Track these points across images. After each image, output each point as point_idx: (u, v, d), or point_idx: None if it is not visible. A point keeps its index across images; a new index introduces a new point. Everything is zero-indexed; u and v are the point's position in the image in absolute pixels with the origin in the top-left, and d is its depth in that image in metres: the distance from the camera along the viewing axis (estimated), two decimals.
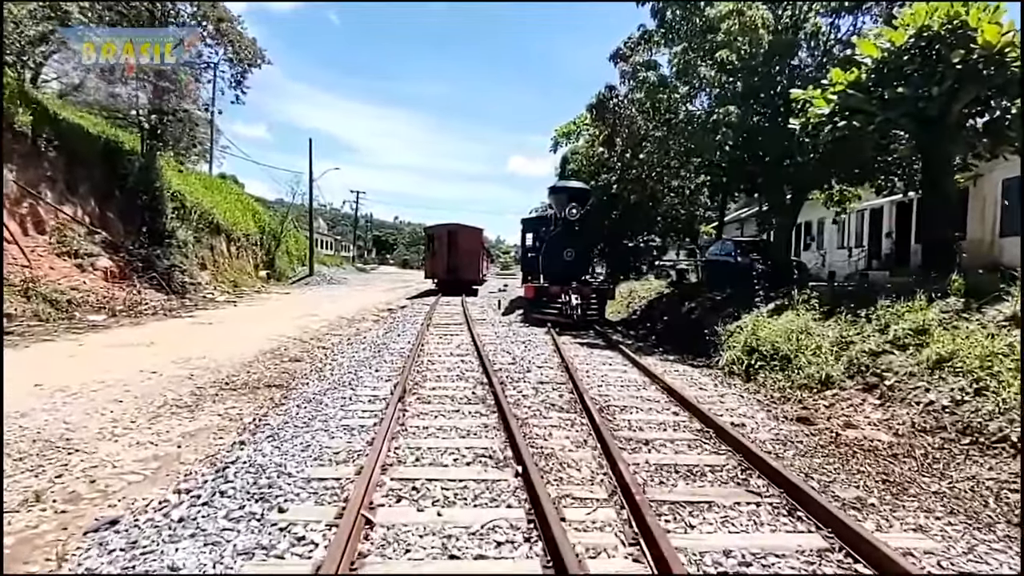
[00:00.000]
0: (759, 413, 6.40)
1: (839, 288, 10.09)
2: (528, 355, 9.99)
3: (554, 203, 16.35)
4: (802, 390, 7.17)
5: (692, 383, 8.05)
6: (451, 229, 29.01)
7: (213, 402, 7.21)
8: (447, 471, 4.31)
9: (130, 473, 4.87)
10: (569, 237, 15.41)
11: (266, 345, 11.20)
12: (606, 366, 9.15)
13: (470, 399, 6.62)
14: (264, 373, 8.94)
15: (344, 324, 15.32)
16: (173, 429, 6.07)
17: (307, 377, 8.48)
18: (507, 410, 5.75)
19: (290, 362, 9.99)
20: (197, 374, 8.36)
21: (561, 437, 5.23)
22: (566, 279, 14.91)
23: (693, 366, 9.79)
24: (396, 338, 12.04)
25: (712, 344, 10.52)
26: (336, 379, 8.00)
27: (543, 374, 8.28)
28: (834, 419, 6.06)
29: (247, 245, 31.20)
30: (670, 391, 7.09)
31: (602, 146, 15.96)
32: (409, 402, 6.40)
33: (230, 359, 9.56)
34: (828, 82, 9.99)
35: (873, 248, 24.95)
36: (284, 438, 5.15)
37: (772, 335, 8.63)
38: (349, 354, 10.33)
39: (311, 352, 10.97)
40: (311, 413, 6.01)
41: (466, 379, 7.80)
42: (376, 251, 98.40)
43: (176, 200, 22.50)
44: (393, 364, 8.91)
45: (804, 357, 7.66)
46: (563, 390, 7.23)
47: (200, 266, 23.86)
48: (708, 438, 5.27)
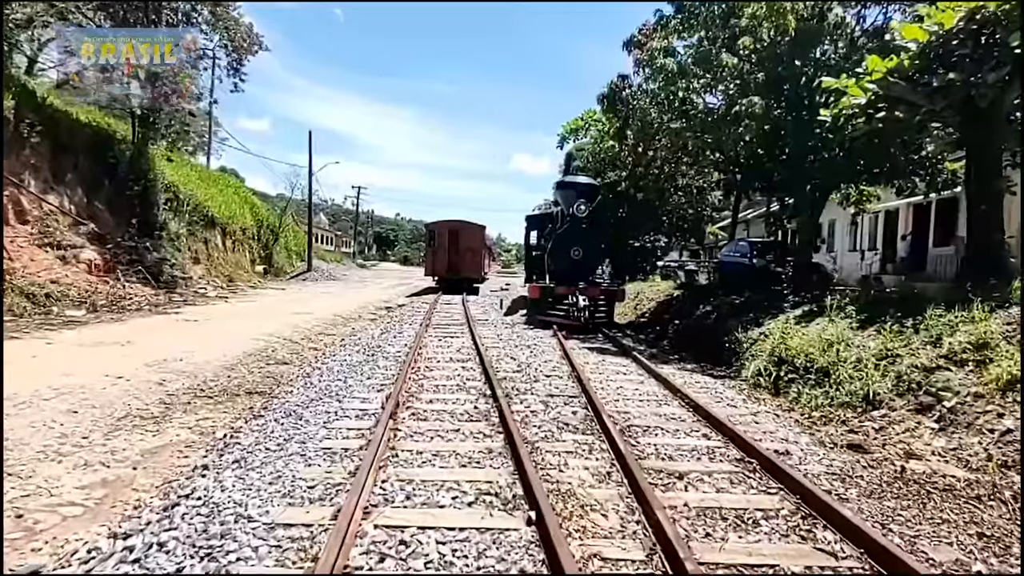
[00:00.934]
0: (802, 437, 5.60)
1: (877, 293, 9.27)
2: (535, 362, 9.21)
3: (561, 199, 15.55)
4: (844, 409, 6.38)
5: (718, 398, 7.26)
6: (453, 226, 28.15)
7: (184, 412, 6.44)
8: (443, 515, 3.52)
9: (68, 504, 4.10)
10: (577, 235, 14.61)
11: (253, 345, 10.42)
12: (620, 376, 8.36)
13: (472, 415, 5.84)
14: (246, 378, 8.16)
15: (339, 323, 14.55)
16: (132, 446, 5.30)
17: (293, 383, 7.71)
18: (514, 431, 4.97)
19: (276, 365, 9.21)
20: (170, 379, 7.58)
21: (579, 467, 4.44)
22: (573, 279, 14.12)
23: (714, 376, 9.00)
24: (392, 340, 11.26)
25: (733, 352, 9.73)
26: (323, 387, 7.22)
27: (552, 385, 7.50)
28: (890, 446, 5.27)
29: (244, 239, 30.41)
30: (696, 408, 6.30)
31: (612, 140, 15.14)
32: (402, 419, 5.61)
33: (211, 361, 8.78)
34: (863, 70, 9.19)
35: (887, 251, 24.17)
36: (253, 464, 4.37)
37: (804, 345, 7.83)
38: (340, 357, 9.55)
39: (300, 354, 10.20)
40: (289, 431, 5.23)
41: (467, 390, 7.01)
42: (377, 247, 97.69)
43: (169, 191, 21.73)
44: (387, 371, 8.13)
45: (844, 371, 6.86)
46: (576, 405, 6.44)
47: (193, 260, 23.10)
48: (751, 470, 4.48)
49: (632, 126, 14.10)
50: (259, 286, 26.96)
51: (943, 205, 20.15)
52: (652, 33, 12.41)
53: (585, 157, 30.16)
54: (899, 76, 8.48)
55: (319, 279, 35.10)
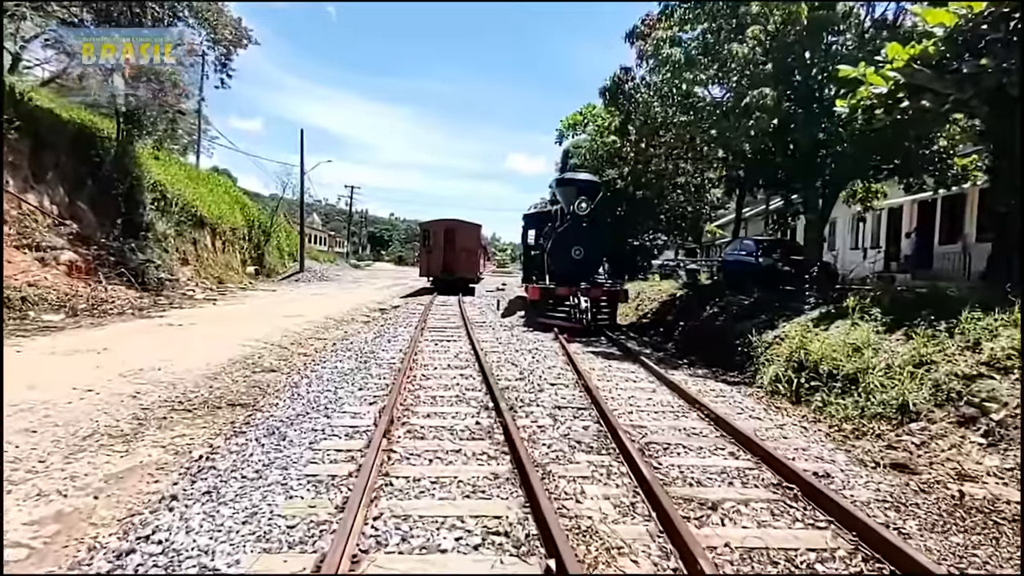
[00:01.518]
0: (837, 454, 5.09)
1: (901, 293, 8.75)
2: (537, 368, 8.68)
3: (561, 197, 15.01)
4: (878, 421, 5.87)
5: (737, 408, 6.75)
6: (448, 225, 27.54)
7: (159, 429, 5.88)
8: (446, 563, 2.98)
9: (13, 546, 3.56)
10: (578, 234, 14.08)
11: (239, 351, 9.85)
12: (630, 383, 7.84)
13: (473, 432, 5.30)
14: (230, 388, 7.60)
15: (331, 326, 13.98)
16: (95, 471, 4.75)
17: (279, 394, 7.16)
18: (522, 452, 4.44)
19: (263, 373, 8.65)
20: (146, 391, 7.00)
21: (598, 496, 3.91)
22: (574, 280, 13.59)
23: (728, 383, 8.50)
24: (386, 345, 10.71)
25: (747, 357, 9.24)
26: (312, 399, 6.67)
27: (559, 395, 6.97)
28: (938, 466, 4.76)
29: (234, 239, 29.76)
30: (717, 421, 5.79)
31: (614, 135, 14.63)
32: (397, 437, 5.07)
33: (192, 370, 8.21)
34: (882, 59, 8.70)
35: (891, 249, 23.77)
36: (226, 496, 3.82)
37: (827, 350, 7.33)
38: (331, 364, 9.00)
39: (289, 360, 9.63)
40: (271, 453, 4.68)
41: (467, 401, 6.47)
42: (371, 248, 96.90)
43: (156, 191, 21.10)
44: (380, 380, 7.58)
45: (874, 379, 6.37)
46: (587, 418, 5.92)
47: (181, 261, 22.46)
48: (793, 498, 3.96)
49: (635, 120, 13.58)
50: (250, 287, 26.33)
51: (949, 202, 19.78)
52: (656, 24, 11.90)
53: (582, 154, 29.61)
54: (923, 63, 7.99)
55: (312, 280, 34.46)
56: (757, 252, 15.10)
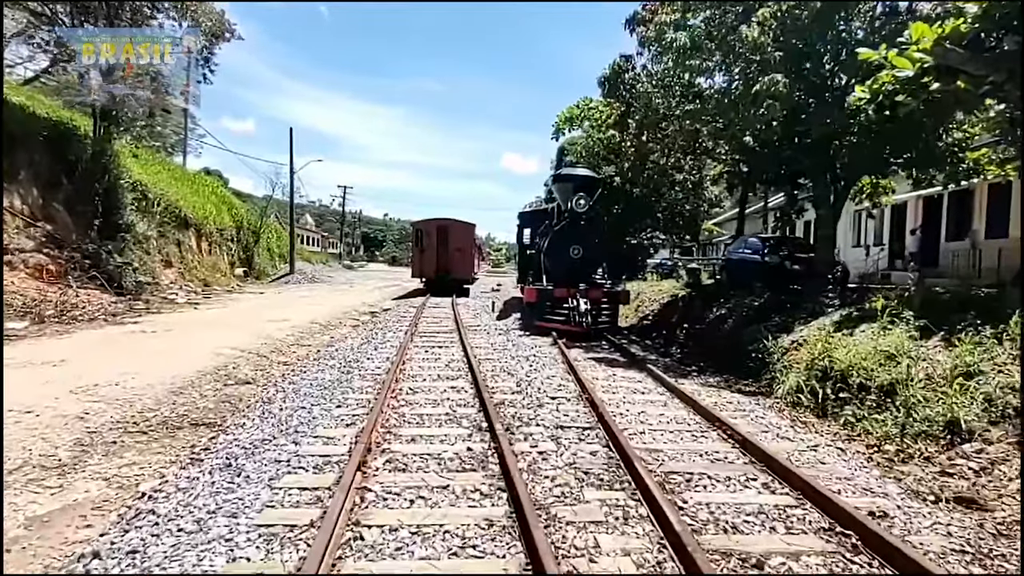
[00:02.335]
0: (888, 484, 4.39)
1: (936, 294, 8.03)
2: (536, 377, 7.96)
3: (558, 193, 14.28)
4: (923, 441, 5.18)
5: (760, 424, 6.04)
6: (441, 224, 26.67)
7: (105, 456, 5.15)
8: None
9: None
10: (576, 232, 13.35)
11: (212, 361, 9.09)
12: (639, 395, 7.12)
13: (464, 461, 4.56)
14: (196, 404, 6.85)
15: (316, 331, 13.22)
16: (16, 512, 4.04)
17: (249, 412, 6.41)
18: (521, 489, 3.72)
19: (236, 386, 7.90)
20: (97, 410, 6.24)
21: (616, 551, 3.18)
22: (573, 280, 12.87)
23: (743, 393, 7.80)
24: (373, 352, 9.96)
25: (762, 363, 8.54)
26: (283, 418, 5.93)
27: (561, 410, 6.24)
28: (1009, 499, 4.07)
29: (221, 241, 28.93)
30: (744, 444, 5.07)
31: (613, 128, 13.92)
32: (374, 470, 4.33)
33: (156, 384, 7.45)
34: (905, 40, 8.01)
35: (895, 247, 23.21)
36: (154, 558, 3.09)
37: (856, 358, 6.63)
38: (312, 375, 8.25)
39: (267, 370, 8.88)
40: (221, 494, 3.93)
41: (458, 420, 5.74)
42: (365, 248, 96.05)
43: (137, 191, 20.28)
44: (362, 394, 6.84)
45: (914, 391, 5.67)
46: (594, 440, 5.19)
47: (164, 264, 21.65)
48: (851, 548, 3.25)
49: (636, 113, 12.87)
50: (237, 290, 25.52)
51: (956, 197, 19.20)
52: (659, 8, 11.20)
53: (578, 151, 28.89)
54: (958, 43, 7.30)
55: (302, 282, 33.65)
56: (763, 250, 14.43)
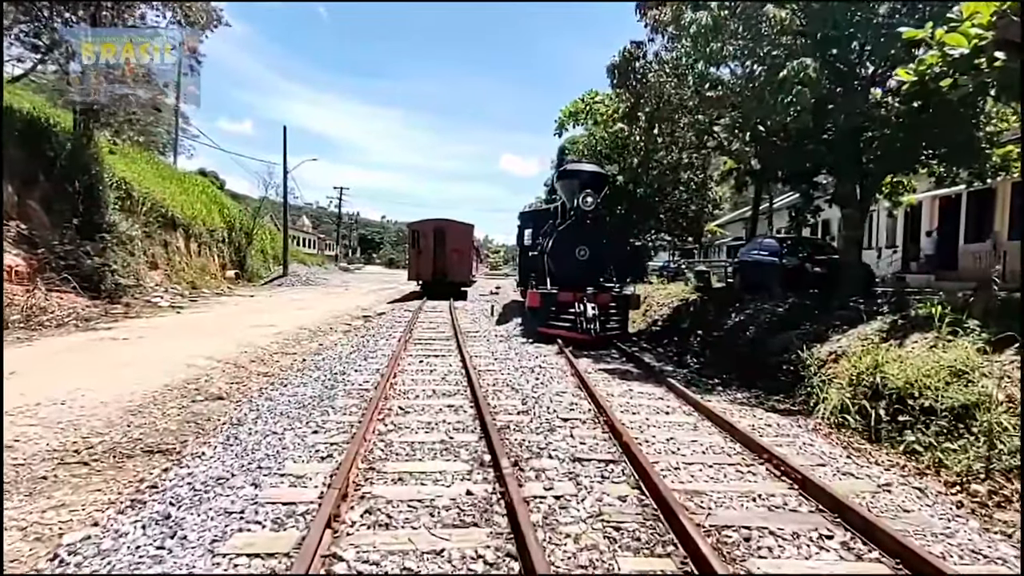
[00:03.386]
0: (1001, 544, 3.48)
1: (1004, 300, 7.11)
2: (544, 394, 7.06)
3: (563, 190, 13.40)
4: (1019, 479, 4.29)
5: (811, 454, 5.15)
6: (438, 225, 25.69)
7: (29, 496, 4.27)
8: None
9: None
10: (582, 232, 12.47)
11: (183, 373, 8.19)
12: (662, 416, 6.23)
13: (463, 511, 3.66)
14: (155, 425, 5.96)
15: (304, 338, 12.31)
16: None
17: (213, 437, 5.51)
18: (537, 561, 2.83)
19: (205, 403, 7.00)
20: (32, 435, 5.34)
21: None
22: (579, 284, 11.98)
23: (778, 411, 6.91)
24: (362, 363, 9.06)
25: (793, 376, 7.66)
26: (249, 446, 5.03)
27: (576, 436, 5.35)
28: None
29: (211, 242, 28.03)
30: (804, 484, 4.17)
31: (622, 121, 13.08)
32: (348, 525, 3.43)
33: (111, 402, 6.55)
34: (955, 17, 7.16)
35: (910, 249, 22.41)
36: None
37: (914, 373, 5.75)
38: (291, 390, 7.35)
39: (244, 384, 7.97)
40: (146, 562, 3.03)
41: (455, 451, 4.84)
42: (362, 250, 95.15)
43: (120, 189, 19.38)
44: (345, 415, 5.94)
45: (998, 417, 4.79)
46: (621, 478, 4.29)
47: (150, 265, 20.76)
48: None
49: (647, 104, 12.00)
50: (227, 293, 24.62)
51: (975, 197, 18.37)
52: None
53: (579, 150, 28.00)
54: None
55: (295, 284, 32.74)
56: (781, 252, 13.57)
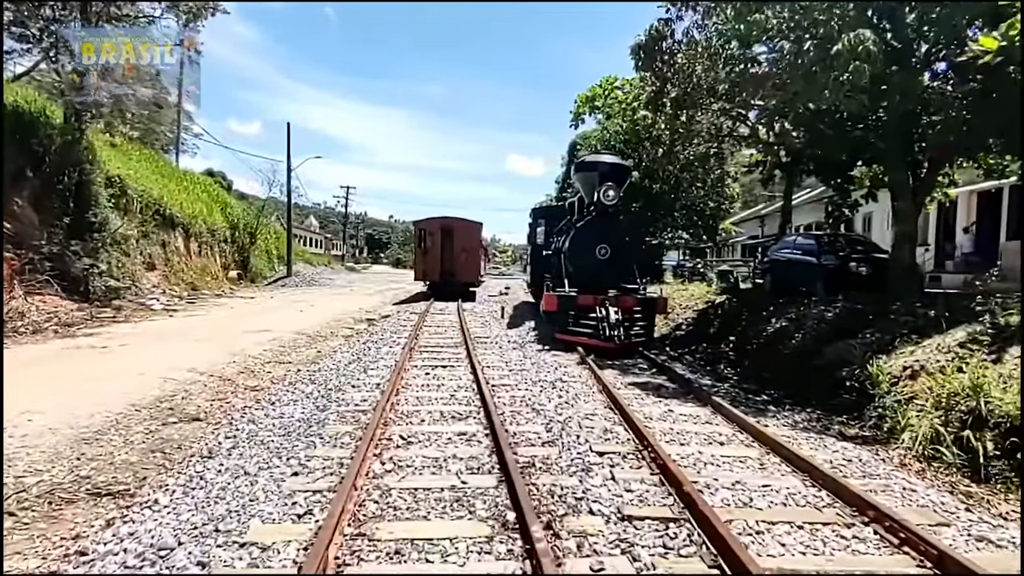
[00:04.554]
0: None
1: None
2: (570, 416, 6.02)
3: (581, 184, 12.34)
4: None
5: (914, 502, 4.09)
6: (446, 223, 24.53)
7: None
8: None
9: None
10: (604, 229, 11.40)
11: (159, 389, 7.22)
12: (717, 447, 5.18)
13: None
14: (113, 457, 4.99)
15: (301, 344, 11.34)
16: None
17: (176, 473, 4.53)
18: None
19: (178, 425, 6.04)
20: None
21: None
22: (600, 286, 10.93)
23: (849, 438, 5.83)
24: (361, 376, 8.06)
25: (860, 394, 6.58)
26: (213, 493, 4.04)
27: (620, 480, 4.30)
28: None
29: (213, 242, 27.18)
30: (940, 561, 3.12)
31: (645, 108, 12.01)
32: None
33: (63, 427, 5.57)
34: None
35: (945, 247, 21.18)
36: None
37: None
38: (279, 410, 6.36)
39: (226, 402, 6.99)
40: None
41: (470, 503, 3.81)
42: (369, 250, 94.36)
43: (114, 186, 18.50)
44: (335, 450, 4.92)
45: None
46: (690, 551, 3.25)
47: (147, 266, 19.87)
48: None
49: (674, 88, 10.92)
50: (227, 294, 23.74)
51: (1018, 191, 17.16)
52: None
53: (592, 145, 26.90)
54: None
55: (299, 285, 31.85)
56: (819, 250, 12.45)
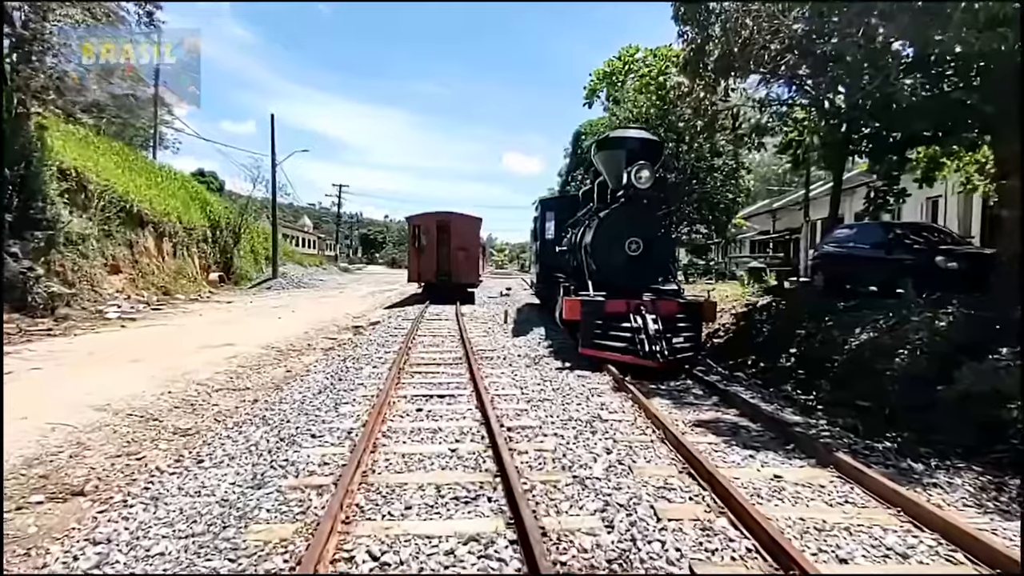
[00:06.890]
0: None
1: None
2: (636, 497, 3.97)
3: (605, 166, 10.28)
4: None
5: None
6: (442, 219, 22.22)
7: None
8: None
9: None
10: (636, 218, 9.34)
11: (38, 444, 5.15)
12: (893, 562, 3.17)
13: None
14: None
15: (267, 362, 9.30)
16: None
17: None
18: None
19: (45, 506, 4.01)
20: None
21: None
22: (633, 288, 8.90)
23: None
24: (330, 415, 5.99)
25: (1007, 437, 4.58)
26: None
27: None
28: None
29: (190, 242, 25.07)
30: None
31: (683, 72, 9.99)
32: None
33: None
34: None
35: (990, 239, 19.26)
36: None
37: None
38: (196, 484, 4.30)
39: (132, 461, 4.92)
40: None
41: None
42: (364, 250, 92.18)
43: (69, 180, 16.42)
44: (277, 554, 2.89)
45: None
46: None
47: (110, 268, 17.75)
48: None
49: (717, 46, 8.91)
50: (204, 298, 21.66)
51: None
52: None
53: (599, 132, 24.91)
54: None
55: (286, 287, 29.76)
56: (888, 242, 10.42)
